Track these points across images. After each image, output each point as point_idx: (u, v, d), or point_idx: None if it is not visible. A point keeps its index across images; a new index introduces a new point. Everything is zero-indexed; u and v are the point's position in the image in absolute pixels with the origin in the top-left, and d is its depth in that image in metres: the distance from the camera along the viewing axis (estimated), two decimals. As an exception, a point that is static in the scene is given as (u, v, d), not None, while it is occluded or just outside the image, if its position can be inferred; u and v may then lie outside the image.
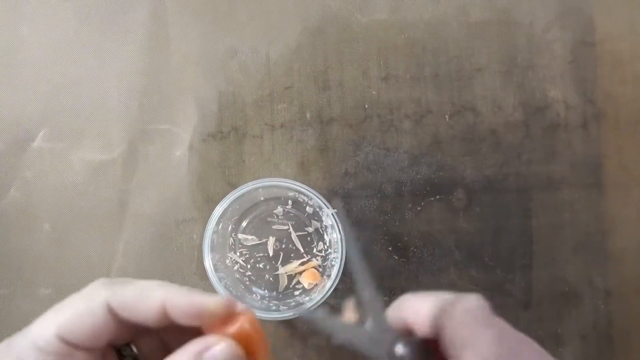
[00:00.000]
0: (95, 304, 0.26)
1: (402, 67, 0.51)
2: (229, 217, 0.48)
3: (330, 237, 0.48)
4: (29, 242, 0.49)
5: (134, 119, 0.50)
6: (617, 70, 0.51)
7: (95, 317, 0.26)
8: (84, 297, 0.27)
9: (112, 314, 0.26)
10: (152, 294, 0.26)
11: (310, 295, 0.47)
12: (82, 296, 0.27)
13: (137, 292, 0.26)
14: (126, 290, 0.26)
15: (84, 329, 0.26)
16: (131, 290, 0.26)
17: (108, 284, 0.27)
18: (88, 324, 0.26)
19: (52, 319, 0.26)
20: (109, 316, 0.26)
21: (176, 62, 0.50)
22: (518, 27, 0.51)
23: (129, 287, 0.27)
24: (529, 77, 0.51)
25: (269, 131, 0.50)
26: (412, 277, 0.50)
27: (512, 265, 0.50)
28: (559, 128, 0.51)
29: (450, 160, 0.50)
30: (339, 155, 0.50)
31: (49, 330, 0.26)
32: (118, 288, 0.27)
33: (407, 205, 0.50)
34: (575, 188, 0.51)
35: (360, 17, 0.51)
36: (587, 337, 0.50)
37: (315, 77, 0.50)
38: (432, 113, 0.51)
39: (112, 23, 0.50)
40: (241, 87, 0.50)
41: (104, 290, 0.27)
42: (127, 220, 0.50)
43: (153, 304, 0.26)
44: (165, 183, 0.50)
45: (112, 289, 0.26)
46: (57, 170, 0.50)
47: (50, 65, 0.50)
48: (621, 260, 0.51)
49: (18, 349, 0.26)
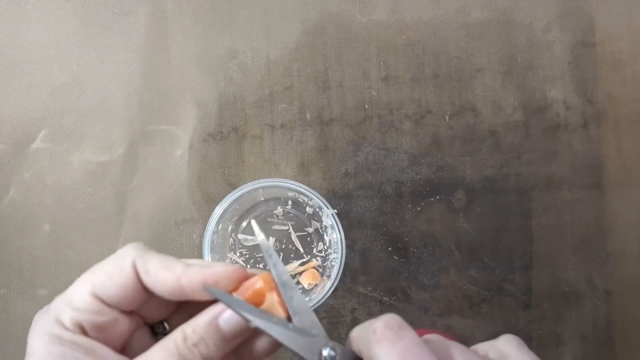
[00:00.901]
0: (124, 264, 0.28)
1: (402, 67, 0.51)
2: (229, 218, 0.48)
3: (330, 238, 0.48)
4: (29, 243, 0.49)
5: (134, 120, 0.50)
6: (617, 71, 0.51)
7: (124, 277, 0.27)
8: (114, 259, 0.28)
9: (138, 277, 0.28)
10: (172, 265, 0.28)
11: (310, 296, 0.47)
12: (113, 258, 0.28)
13: (160, 261, 0.28)
14: (152, 257, 0.28)
15: (114, 287, 0.27)
16: (155, 258, 0.28)
17: (138, 248, 0.29)
18: (117, 282, 0.27)
19: (86, 279, 0.28)
20: (136, 278, 0.28)
21: (176, 62, 0.50)
22: (518, 27, 0.51)
23: (155, 255, 0.28)
24: (528, 78, 0.51)
25: (269, 131, 0.50)
26: (412, 278, 0.50)
27: (512, 265, 0.50)
28: (559, 128, 0.51)
29: (450, 161, 0.50)
30: (339, 156, 0.50)
31: (83, 289, 0.27)
32: (145, 254, 0.28)
33: (407, 205, 0.50)
34: (575, 188, 0.51)
35: (360, 17, 0.51)
36: (587, 337, 0.50)
37: (315, 77, 0.50)
38: (432, 113, 0.51)
39: (112, 23, 0.50)
40: (241, 87, 0.50)
41: (133, 252, 0.28)
42: (126, 221, 0.50)
43: (170, 276, 0.28)
44: (165, 183, 0.50)
45: (140, 254, 0.28)
46: (57, 171, 0.50)
47: (50, 66, 0.50)
48: (621, 260, 0.51)
49: (55, 310, 0.27)
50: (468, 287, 0.50)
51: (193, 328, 0.28)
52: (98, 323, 0.27)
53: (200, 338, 0.27)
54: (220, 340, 0.28)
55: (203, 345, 0.27)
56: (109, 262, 0.28)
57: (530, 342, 0.50)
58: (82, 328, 0.27)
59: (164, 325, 0.31)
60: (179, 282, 0.28)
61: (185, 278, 0.28)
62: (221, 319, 0.28)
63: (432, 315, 0.50)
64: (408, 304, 0.49)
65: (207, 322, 0.28)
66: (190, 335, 0.27)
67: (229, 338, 0.28)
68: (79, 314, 0.27)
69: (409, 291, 0.50)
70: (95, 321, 0.27)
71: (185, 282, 0.28)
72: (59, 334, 0.27)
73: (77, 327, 0.27)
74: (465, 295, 0.50)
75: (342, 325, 0.49)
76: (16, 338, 0.49)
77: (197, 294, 0.28)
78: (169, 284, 0.28)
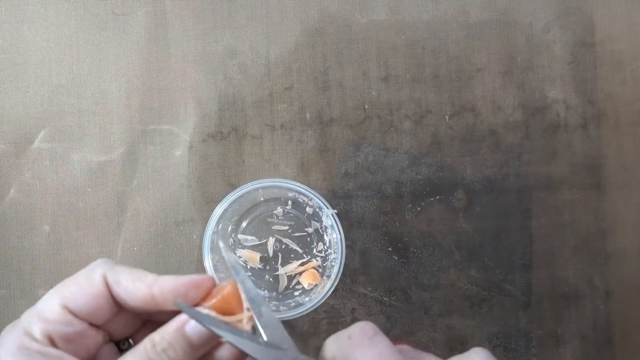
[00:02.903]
0: (94, 275, 0.29)
1: (402, 67, 0.51)
2: (229, 218, 0.48)
3: (330, 238, 0.48)
4: (29, 243, 0.49)
5: (134, 120, 0.50)
6: (617, 71, 0.51)
7: (95, 288, 0.28)
8: (84, 271, 0.29)
9: (108, 289, 0.29)
10: (143, 276, 0.29)
11: (310, 296, 0.47)
12: (83, 271, 0.29)
13: (131, 273, 0.29)
14: (122, 270, 0.29)
15: (85, 298, 0.28)
16: (126, 271, 0.29)
17: (108, 262, 0.29)
18: (88, 293, 0.28)
19: (56, 291, 0.28)
20: (106, 290, 0.29)
21: (176, 62, 0.50)
22: (518, 27, 0.51)
23: (125, 268, 0.29)
24: (528, 78, 0.51)
25: (268, 131, 0.50)
26: (412, 278, 0.50)
27: (512, 265, 0.50)
28: (558, 128, 0.51)
29: (450, 161, 0.50)
30: (338, 156, 0.50)
31: (53, 300, 0.28)
32: (115, 267, 0.29)
33: (407, 205, 0.50)
34: (575, 188, 0.51)
35: (359, 17, 0.51)
36: (587, 337, 0.50)
37: (315, 77, 0.50)
38: (432, 113, 0.51)
39: (112, 23, 0.50)
40: (241, 87, 0.50)
41: (103, 265, 0.29)
42: (126, 221, 0.50)
43: (142, 286, 0.28)
44: (165, 183, 0.50)
45: (110, 266, 0.29)
46: (57, 171, 0.50)
47: (50, 66, 0.50)
48: (621, 260, 0.51)
49: (24, 322, 0.28)
50: (468, 287, 0.50)
51: (162, 335, 0.28)
52: (67, 334, 0.28)
53: (168, 344, 0.28)
54: (188, 347, 0.28)
55: (172, 351, 0.28)
56: (79, 275, 0.29)
57: (530, 342, 0.50)
58: (52, 339, 0.28)
59: (129, 342, 0.31)
60: (150, 291, 0.28)
61: (157, 287, 0.28)
62: (188, 327, 0.28)
63: (432, 315, 0.50)
64: (408, 304, 0.49)
65: (175, 328, 0.28)
66: (159, 342, 0.28)
67: (197, 345, 0.29)
68: (48, 324, 0.27)
69: (409, 291, 0.50)
70: (64, 332, 0.28)
71: (157, 291, 0.28)
72: (28, 346, 0.27)
73: (46, 338, 0.27)
74: (465, 295, 0.50)
75: (342, 325, 0.49)
76: (16, 338, 0.49)
77: (168, 303, 0.29)
78: (140, 293, 0.28)
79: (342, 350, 0.27)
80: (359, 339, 0.27)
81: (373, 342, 0.27)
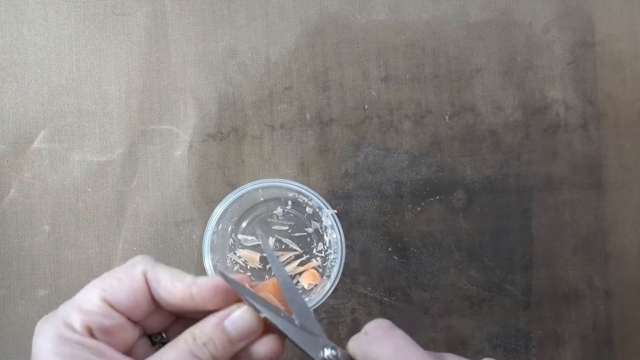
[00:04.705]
0: (135, 271, 0.29)
1: (402, 67, 0.51)
2: (229, 218, 0.48)
3: (330, 238, 0.48)
4: (28, 243, 0.49)
5: (134, 120, 0.50)
6: (617, 71, 0.51)
7: (135, 282, 0.29)
8: (124, 266, 0.30)
9: (148, 286, 0.29)
10: (182, 276, 0.30)
11: (310, 296, 0.47)
12: (123, 266, 0.30)
13: (170, 272, 0.30)
14: (162, 268, 0.30)
15: (124, 292, 0.29)
16: (166, 269, 0.30)
17: (148, 259, 0.30)
18: (128, 287, 0.29)
19: (95, 285, 0.29)
20: (146, 286, 0.29)
21: (176, 62, 0.50)
22: (518, 27, 0.51)
23: (164, 267, 0.30)
24: (528, 78, 0.51)
25: (268, 132, 0.50)
26: (412, 278, 0.50)
27: (512, 265, 0.50)
28: (558, 128, 0.51)
29: (450, 161, 0.50)
30: (338, 156, 0.50)
31: (93, 293, 0.29)
32: (155, 265, 0.30)
33: (407, 205, 0.50)
34: (575, 188, 0.51)
35: (359, 17, 0.51)
36: (587, 338, 0.50)
37: (314, 77, 0.50)
38: (432, 113, 0.51)
39: (112, 23, 0.50)
40: (241, 87, 0.50)
41: (143, 262, 0.30)
42: (126, 221, 0.50)
43: (180, 286, 0.29)
44: (165, 183, 0.50)
45: (150, 264, 0.30)
46: (57, 171, 0.50)
47: (50, 66, 0.50)
48: (621, 260, 0.51)
49: (63, 313, 0.28)
50: (468, 287, 0.50)
51: (201, 329, 0.29)
52: (106, 326, 0.28)
53: (208, 338, 0.29)
54: (227, 341, 0.29)
55: (212, 345, 0.29)
56: (119, 270, 0.30)
57: (530, 342, 0.50)
58: (91, 331, 0.28)
59: (162, 335, 0.32)
60: (189, 290, 0.29)
61: (195, 287, 0.29)
62: (227, 322, 0.29)
63: (432, 315, 0.50)
64: (408, 304, 0.49)
65: (214, 324, 0.29)
66: (199, 336, 0.29)
67: (235, 340, 0.29)
68: (88, 316, 0.28)
69: (409, 291, 0.50)
70: (103, 324, 0.28)
71: (195, 291, 0.29)
72: (68, 336, 0.28)
73: (85, 329, 0.28)
74: (465, 295, 0.50)
75: (342, 325, 0.49)
76: (16, 339, 0.49)
77: (207, 302, 0.29)
78: (179, 293, 0.29)
79: (360, 346, 0.28)
80: (375, 333, 0.28)
81: (389, 335, 0.28)
